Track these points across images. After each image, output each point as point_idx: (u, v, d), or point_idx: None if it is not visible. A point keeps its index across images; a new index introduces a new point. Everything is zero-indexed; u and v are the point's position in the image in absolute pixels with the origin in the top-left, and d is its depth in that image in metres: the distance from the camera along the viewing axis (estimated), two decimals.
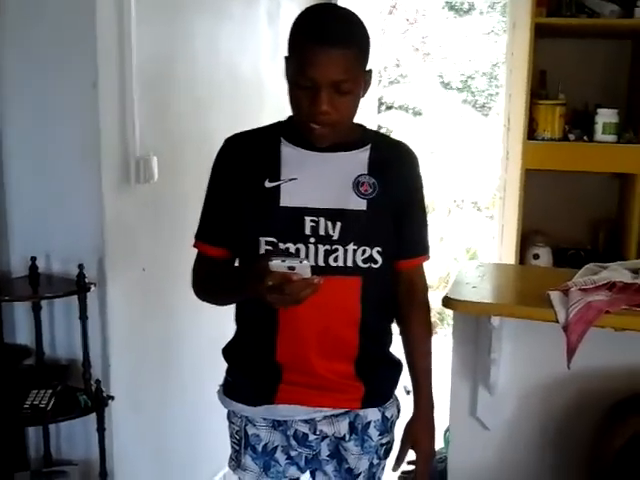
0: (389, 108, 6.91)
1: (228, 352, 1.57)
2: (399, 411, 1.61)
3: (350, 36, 1.33)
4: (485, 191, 6.41)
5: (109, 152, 2.02)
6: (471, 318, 1.90)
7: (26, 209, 2.05)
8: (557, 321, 1.65)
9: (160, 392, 2.40)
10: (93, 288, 1.97)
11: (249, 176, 1.42)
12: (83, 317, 1.94)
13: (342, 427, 1.51)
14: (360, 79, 1.36)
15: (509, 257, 3.15)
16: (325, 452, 1.54)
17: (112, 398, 2.03)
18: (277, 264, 1.23)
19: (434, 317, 4.58)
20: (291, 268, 1.23)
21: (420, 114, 6.94)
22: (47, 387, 1.94)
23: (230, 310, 1.53)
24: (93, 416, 1.98)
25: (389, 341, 1.58)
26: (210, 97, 2.59)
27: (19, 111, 2.01)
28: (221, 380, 1.60)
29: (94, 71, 1.95)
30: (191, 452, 2.62)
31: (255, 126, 1.52)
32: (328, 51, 1.29)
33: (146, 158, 2.14)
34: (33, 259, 1.98)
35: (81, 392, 1.97)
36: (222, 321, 1.60)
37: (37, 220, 2.05)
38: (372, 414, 1.53)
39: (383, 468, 1.61)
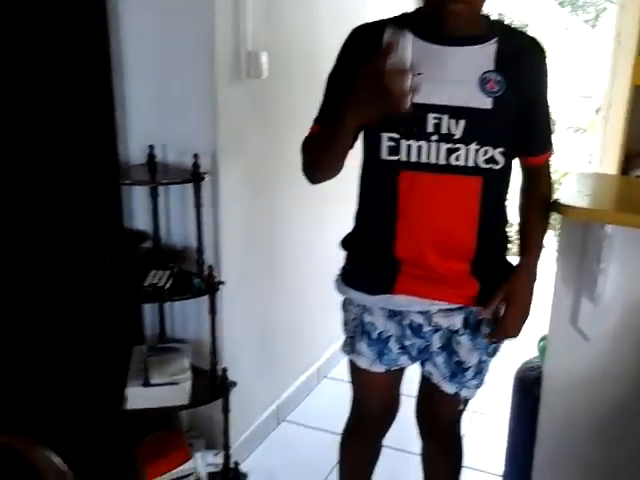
0: None
1: (348, 243, 1.60)
2: None
3: None
4: (579, 112, 6.01)
5: (222, 47, 2.05)
6: (580, 225, 1.84)
7: (144, 101, 2.13)
8: None
9: (267, 279, 2.52)
10: (207, 177, 2.04)
11: None
12: (198, 205, 2.03)
13: (457, 321, 1.55)
14: None
15: None
16: (437, 344, 1.59)
17: (223, 283, 2.14)
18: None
19: None
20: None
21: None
22: (164, 269, 2.06)
23: (334, 198, 1.55)
24: (205, 299, 2.09)
25: (506, 245, 1.59)
26: (316, 11, 2.55)
27: (138, 7, 2.06)
28: (328, 269, 1.66)
29: None
30: (294, 338, 2.77)
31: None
32: None
33: (257, 54, 2.15)
34: (151, 147, 2.08)
35: (195, 275, 2.10)
36: (331, 211, 1.63)
37: (154, 112, 2.13)
38: (484, 312, 1.55)
39: (489, 367, 1.67)
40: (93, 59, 2.06)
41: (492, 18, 1.46)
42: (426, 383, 1.70)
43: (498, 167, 1.42)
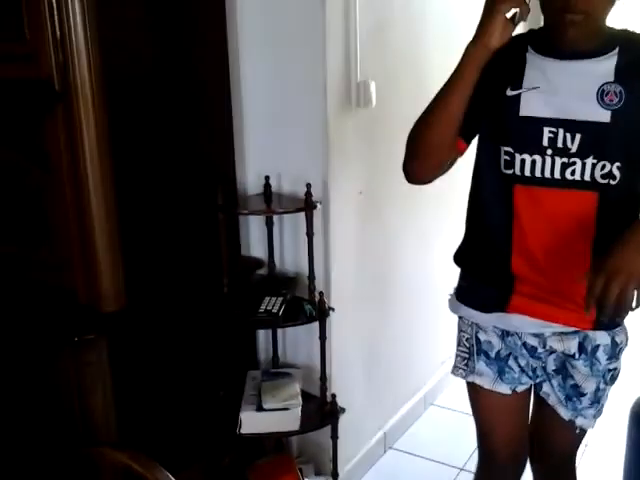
0: None
1: (461, 257, 1.60)
2: (627, 339, 1.56)
3: None
4: None
5: (333, 77, 2.12)
6: None
7: (260, 132, 2.22)
8: None
9: (376, 305, 2.55)
10: (318, 206, 2.11)
11: (492, 83, 1.40)
12: (310, 233, 2.09)
13: (572, 345, 1.50)
14: None
15: None
16: (551, 366, 1.56)
17: (333, 309, 2.18)
18: None
19: None
20: None
21: None
22: (278, 295, 2.12)
23: (446, 225, 1.56)
24: (315, 325, 2.14)
25: None
26: (423, 36, 2.60)
27: (255, 39, 2.16)
28: (435, 293, 1.66)
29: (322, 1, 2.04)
30: (400, 366, 2.77)
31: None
32: None
33: (366, 83, 2.22)
34: (267, 178, 2.17)
35: (306, 302, 2.15)
36: (438, 238, 1.65)
37: (269, 142, 2.22)
38: (601, 338, 1.50)
39: (607, 396, 1.59)
40: (215, 92, 2.19)
41: (616, 28, 1.42)
42: (540, 408, 1.64)
43: (615, 182, 1.38)
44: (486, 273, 1.53)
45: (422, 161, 1.45)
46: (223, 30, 2.16)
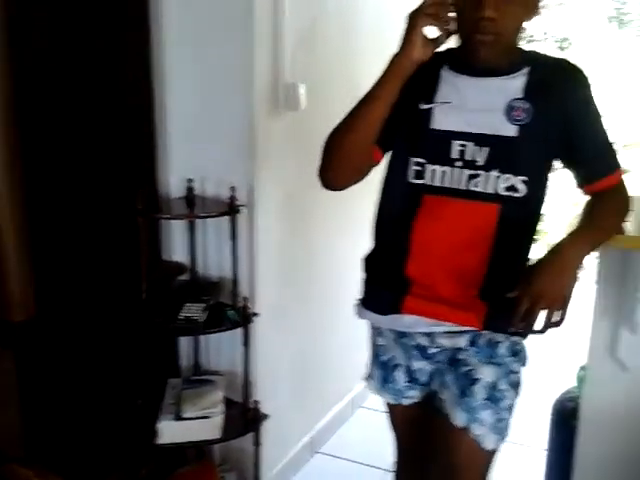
0: (530, 42, 6.55)
1: (365, 262, 1.62)
2: (526, 358, 1.53)
3: None
4: (626, 129, 6.00)
5: (261, 79, 2.09)
6: (618, 253, 1.83)
7: (183, 134, 2.17)
8: None
9: (302, 310, 2.53)
10: (243, 210, 2.07)
11: (408, 97, 1.43)
12: (233, 238, 2.05)
13: (460, 341, 1.50)
14: None
15: None
16: (445, 360, 1.54)
17: (257, 315, 2.15)
18: None
19: None
20: None
21: (564, 48, 6.53)
22: (199, 301, 2.08)
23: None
24: (239, 331, 2.10)
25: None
26: (356, 34, 2.60)
27: (179, 39, 2.10)
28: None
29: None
30: (327, 369, 2.76)
31: None
32: None
33: (294, 85, 2.19)
34: (189, 181, 2.11)
35: (230, 308, 2.11)
36: (364, 242, 1.64)
37: (193, 145, 2.16)
38: (500, 336, 1.48)
39: (509, 408, 1.47)
40: (136, 92, 2.11)
41: (527, 50, 1.47)
42: (439, 426, 1.53)
43: (519, 195, 1.41)
44: (384, 277, 1.55)
45: (337, 167, 1.47)
46: (146, 28, 2.09)
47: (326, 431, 2.81)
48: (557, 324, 1.37)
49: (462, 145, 1.41)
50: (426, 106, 1.44)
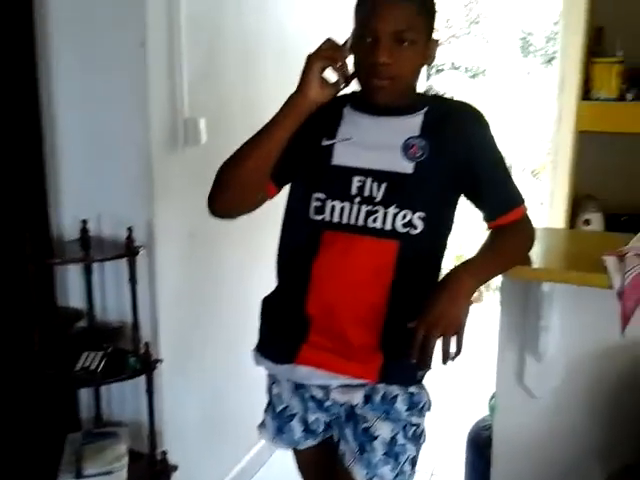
0: (439, 71, 6.76)
1: (263, 302, 1.59)
2: (430, 403, 1.51)
3: None
4: (534, 155, 6.25)
5: (158, 114, 2.03)
6: (520, 284, 1.86)
7: (77, 172, 2.08)
8: (611, 287, 1.60)
9: (207, 355, 2.44)
10: (142, 251, 1.99)
11: (311, 134, 1.46)
12: (132, 280, 1.97)
13: (355, 397, 1.46)
14: (421, 33, 1.38)
15: (558, 223, 3.06)
16: (342, 414, 1.51)
17: (160, 361, 2.06)
18: None
19: None
20: None
21: (476, 76, 6.78)
22: (98, 349, 1.99)
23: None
24: (142, 378, 2.01)
25: None
26: (258, 60, 2.57)
27: (68, 73, 2.03)
28: None
29: (142, 31, 1.95)
30: (240, 412, 2.66)
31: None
32: (388, 2, 1.35)
33: (194, 120, 2.14)
34: (84, 222, 2.02)
35: (131, 354, 2.01)
36: (272, 278, 1.60)
37: (87, 183, 2.08)
38: (398, 389, 1.46)
39: (410, 461, 1.46)
40: (22, 127, 2.01)
41: (424, 92, 1.55)
42: (337, 468, 1.52)
43: (416, 232, 1.41)
44: (283, 319, 1.51)
45: (225, 194, 1.49)
46: (32, 58, 1.99)
47: (243, 476, 2.71)
48: (456, 353, 1.35)
49: (360, 181, 1.42)
50: (328, 142, 1.46)
